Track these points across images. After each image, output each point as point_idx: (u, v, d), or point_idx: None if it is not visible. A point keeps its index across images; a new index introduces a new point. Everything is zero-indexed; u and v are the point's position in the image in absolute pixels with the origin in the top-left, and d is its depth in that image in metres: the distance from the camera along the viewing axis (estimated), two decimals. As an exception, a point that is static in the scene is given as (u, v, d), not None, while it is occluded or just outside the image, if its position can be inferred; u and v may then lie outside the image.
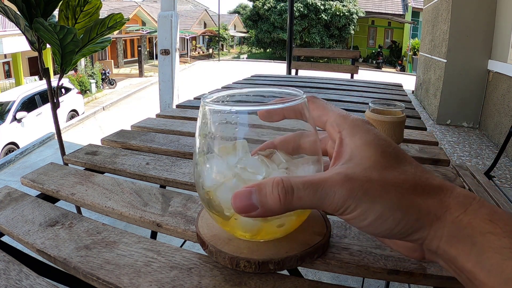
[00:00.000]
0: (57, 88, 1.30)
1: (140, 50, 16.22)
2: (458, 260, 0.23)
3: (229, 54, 26.61)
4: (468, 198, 0.24)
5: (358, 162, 0.26)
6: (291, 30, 4.13)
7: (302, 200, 0.25)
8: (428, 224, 0.24)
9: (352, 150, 0.27)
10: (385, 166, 0.25)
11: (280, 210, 0.26)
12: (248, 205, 0.26)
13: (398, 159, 0.26)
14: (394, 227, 0.24)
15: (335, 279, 1.54)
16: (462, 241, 0.23)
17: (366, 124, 0.28)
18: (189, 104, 1.18)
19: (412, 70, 15.08)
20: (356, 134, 0.28)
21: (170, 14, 2.99)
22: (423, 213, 0.24)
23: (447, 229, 0.23)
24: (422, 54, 6.39)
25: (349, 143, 0.28)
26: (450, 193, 0.24)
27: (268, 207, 0.26)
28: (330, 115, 0.31)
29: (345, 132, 0.28)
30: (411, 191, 0.24)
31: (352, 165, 0.26)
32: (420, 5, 14.88)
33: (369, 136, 0.27)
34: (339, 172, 0.25)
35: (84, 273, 0.34)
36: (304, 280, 0.33)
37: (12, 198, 0.49)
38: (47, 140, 5.59)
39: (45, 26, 1.05)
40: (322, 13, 18.79)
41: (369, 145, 0.27)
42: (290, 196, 0.25)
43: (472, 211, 0.23)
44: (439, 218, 0.24)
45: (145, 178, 0.58)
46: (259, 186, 0.26)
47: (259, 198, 0.26)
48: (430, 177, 0.25)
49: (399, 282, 0.35)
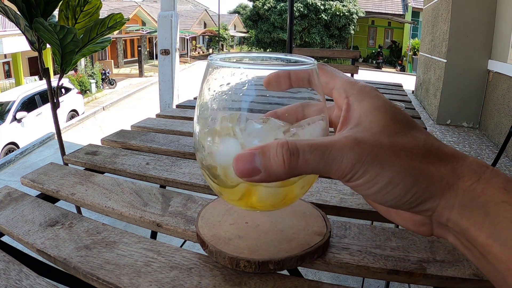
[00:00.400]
0: (57, 88, 1.30)
1: (140, 50, 16.22)
2: (470, 232, 0.22)
3: (229, 54, 26.53)
4: (482, 166, 0.23)
5: (367, 126, 0.25)
6: (291, 30, 4.13)
7: (308, 164, 0.23)
8: (439, 193, 0.23)
9: (360, 115, 0.26)
10: (395, 132, 0.24)
11: (285, 174, 0.24)
12: (250, 168, 0.24)
13: (408, 126, 0.25)
14: (404, 195, 0.23)
15: (335, 279, 1.54)
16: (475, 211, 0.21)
17: (375, 91, 0.27)
18: (189, 104, 1.18)
19: (412, 70, 15.08)
20: (365, 100, 0.26)
21: (170, 14, 2.99)
22: (435, 180, 0.23)
23: (459, 198, 0.22)
24: (422, 54, 6.39)
25: (357, 108, 0.26)
26: (462, 161, 0.23)
27: (272, 170, 0.24)
28: (338, 81, 0.29)
29: (352, 98, 0.27)
30: (422, 157, 0.23)
31: (360, 129, 0.25)
32: (420, 5, 14.88)
33: (378, 101, 0.26)
34: (348, 135, 0.24)
35: (84, 273, 0.34)
36: (304, 280, 0.33)
37: (12, 198, 0.49)
38: (47, 140, 5.59)
39: (45, 26, 1.05)
40: (322, 13, 18.79)
41: (379, 110, 0.25)
42: (295, 159, 0.23)
43: (485, 179, 0.22)
44: (451, 186, 0.22)
45: (145, 178, 0.58)
46: (263, 149, 0.24)
47: (263, 161, 0.24)
48: (442, 145, 0.24)
49: (399, 282, 0.35)
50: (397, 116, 0.25)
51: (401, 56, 18.96)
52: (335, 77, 0.30)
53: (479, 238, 0.21)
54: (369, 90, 0.27)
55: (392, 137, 0.24)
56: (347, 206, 0.46)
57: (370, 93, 0.27)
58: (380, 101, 0.26)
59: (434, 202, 0.23)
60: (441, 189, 0.22)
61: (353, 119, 0.26)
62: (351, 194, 0.49)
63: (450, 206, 0.22)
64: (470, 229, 0.22)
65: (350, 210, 0.46)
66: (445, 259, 0.35)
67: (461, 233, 0.22)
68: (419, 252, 0.36)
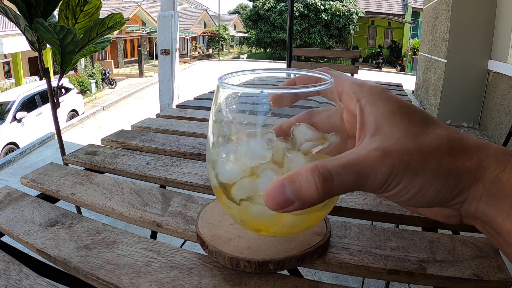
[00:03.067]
0: (57, 88, 1.30)
1: (140, 50, 16.22)
2: (497, 221, 0.22)
3: (229, 54, 26.61)
4: (507, 154, 0.23)
5: (389, 133, 0.24)
6: (291, 30, 4.13)
7: (343, 185, 0.23)
8: (468, 186, 0.23)
9: (377, 119, 0.25)
10: (417, 134, 0.24)
11: (319, 200, 0.23)
12: (283, 200, 0.23)
13: (427, 124, 0.25)
14: (436, 196, 0.23)
15: (335, 279, 1.54)
16: (502, 199, 0.22)
17: (385, 91, 0.27)
18: (189, 104, 1.18)
19: (412, 70, 15.08)
20: (377, 103, 0.26)
21: (170, 14, 2.99)
22: (463, 176, 0.23)
23: (487, 188, 0.22)
24: (422, 54, 6.39)
25: (371, 111, 0.26)
26: (487, 151, 0.23)
27: (305, 198, 0.23)
28: (345, 84, 0.29)
29: (364, 101, 0.27)
30: (448, 155, 0.23)
31: (384, 137, 0.24)
32: (420, 5, 14.87)
33: (392, 104, 0.26)
34: (376, 147, 0.23)
35: (84, 273, 0.34)
36: (304, 280, 0.33)
37: (12, 198, 0.49)
38: (47, 140, 5.59)
39: (45, 26, 1.05)
40: (322, 13, 18.79)
41: (395, 114, 0.25)
42: (330, 183, 0.23)
43: (511, 168, 0.22)
44: (478, 178, 0.23)
45: (145, 178, 0.58)
46: (291, 178, 0.23)
47: (294, 191, 0.23)
48: (464, 138, 0.24)
49: (399, 282, 0.35)
50: (414, 115, 0.25)
51: (401, 56, 18.96)
52: (342, 80, 0.29)
53: (505, 226, 0.22)
54: (379, 91, 0.27)
55: (417, 141, 0.24)
56: (347, 206, 0.46)
57: (381, 94, 0.26)
58: (394, 104, 0.26)
59: (463, 196, 0.23)
60: (469, 183, 0.23)
61: (371, 124, 0.25)
62: (351, 194, 0.49)
63: (478, 197, 0.23)
64: (496, 217, 0.22)
65: (350, 210, 0.46)
66: (445, 259, 0.35)
67: (488, 222, 0.23)
68: (419, 252, 0.36)
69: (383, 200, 0.48)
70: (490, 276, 0.33)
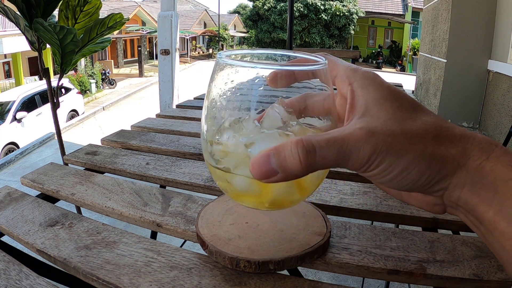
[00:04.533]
0: (57, 88, 1.30)
1: (140, 50, 16.22)
2: (479, 209, 0.22)
3: (229, 54, 26.53)
4: (491, 144, 0.23)
5: (377, 115, 0.25)
6: (291, 30, 4.13)
7: (326, 159, 0.24)
8: (451, 173, 0.23)
9: (367, 103, 0.26)
10: (404, 118, 0.25)
11: (302, 172, 0.24)
12: (267, 170, 0.24)
13: (416, 110, 0.25)
14: (418, 179, 0.24)
15: (335, 279, 1.54)
16: (484, 188, 0.22)
17: (378, 77, 0.27)
18: (189, 104, 1.18)
19: (412, 70, 15.08)
20: (369, 87, 0.27)
21: (170, 14, 2.99)
22: (447, 162, 0.23)
23: (469, 176, 0.23)
24: (422, 54, 6.39)
25: (362, 94, 0.26)
26: (472, 140, 0.24)
27: (288, 170, 0.24)
28: (340, 68, 0.29)
29: (356, 84, 0.27)
30: (433, 140, 0.24)
31: (371, 119, 0.25)
32: (420, 5, 14.88)
33: (383, 90, 0.26)
34: (361, 127, 0.24)
35: (84, 273, 0.34)
36: (304, 280, 0.33)
37: (12, 198, 0.49)
38: (47, 140, 5.59)
39: (45, 26, 1.05)
40: (322, 13, 18.79)
41: (385, 99, 0.26)
42: (313, 156, 0.23)
43: (494, 157, 0.23)
44: (462, 166, 0.23)
45: (145, 178, 0.58)
46: (277, 149, 0.24)
47: (278, 162, 0.24)
48: (451, 126, 0.25)
49: (399, 282, 0.35)
50: (404, 102, 0.26)
51: (401, 56, 18.96)
52: (337, 65, 0.30)
53: (486, 215, 0.22)
54: (372, 76, 0.27)
55: (403, 124, 0.24)
56: (347, 206, 0.46)
57: (374, 79, 0.27)
58: (385, 89, 0.26)
59: (446, 182, 0.24)
60: (452, 169, 0.23)
61: (360, 107, 0.26)
62: (351, 194, 0.49)
63: (461, 184, 0.23)
64: (479, 206, 0.22)
65: (350, 210, 0.46)
66: (445, 259, 0.35)
67: (470, 211, 0.23)
68: (419, 252, 0.36)
69: (383, 200, 0.48)
70: (490, 276, 0.33)
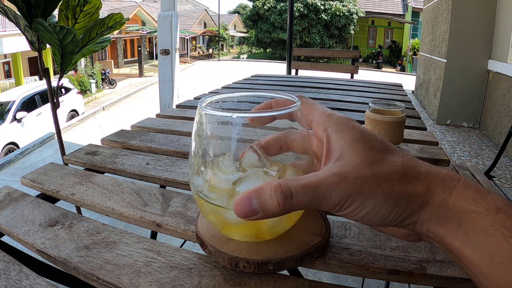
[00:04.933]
0: (57, 88, 1.30)
1: (140, 50, 16.21)
2: (447, 240, 0.24)
3: (229, 54, 26.61)
4: (453, 180, 0.25)
5: (349, 159, 0.27)
6: (291, 30, 4.13)
7: (301, 203, 0.26)
8: (417, 209, 0.26)
9: (342, 147, 0.28)
10: (374, 160, 0.27)
11: (280, 213, 0.27)
12: (249, 210, 0.27)
13: (386, 152, 0.28)
14: (387, 216, 0.26)
15: (335, 279, 1.54)
16: (449, 221, 0.24)
17: (351, 121, 0.30)
18: (189, 104, 1.18)
19: (412, 70, 15.08)
20: (343, 131, 0.29)
21: (170, 14, 2.98)
22: (413, 199, 0.25)
23: (435, 211, 0.25)
24: (422, 54, 6.39)
25: (337, 139, 0.29)
26: (436, 177, 0.26)
27: (268, 211, 0.27)
28: (316, 113, 0.32)
29: (330, 129, 0.30)
30: (400, 180, 0.26)
31: (344, 163, 0.27)
32: (420, 5, 14.88)
33: (355, 133, 0.29)
34: (334, 172, 0.26)
35: (84, 273, 0.34)
36: (304, 280, 0.33)
37: (12, 198, 0.49)
38: (47, 140, 5.59)
39: (45, 26, 1.05)
40: (322, 13, 18.78)
41: (357, 141, 0.28)
42: (290, 200, 0.26)
43: (456, 192, 0.25)
44: (427, 202, 0.25)
45: (145, 178, 0.58)
46: (258, 192, 0.27)
47: (259, 204, 0.27)
48: (417, 165, 0.27)
49: (399, 282, 0.35)
50: (374, 144, 0.28)
51: (401, 56, 18.95)
52: (314, 110, 0.32)
53: (454, 244, 0.24)
54: (345, 121, 0.30)
55: (373, 167, 0.26)
56: (347, 206, 0.46)
57: (347, 124, 0.29)
58: (357, 132, 0.29)
59: (414, 217, 0.26)
60: (418, 206, 0.25)
61: (335, 151, 0.28)
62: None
63: (428, 219, 0.25)
64: (446, 237, 0.25)
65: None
66: (445, 259, 0.35)
67: (439, 241, 0.25)
68: (419, 252, 0.36)
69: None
70: (490, 276, 0.33)
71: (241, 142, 0.32)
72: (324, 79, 1.87)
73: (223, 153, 0.33)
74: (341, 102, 1.26)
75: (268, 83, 1.76)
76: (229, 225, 0.33)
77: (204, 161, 0.34)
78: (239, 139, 0.32)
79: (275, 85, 1.64)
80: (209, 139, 0.33)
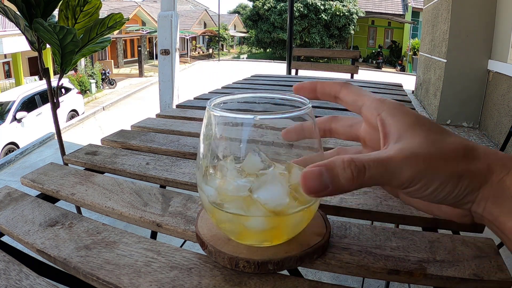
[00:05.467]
0: (57, 88, 1.30)
1: (140, 50, 16.21)
2: (500, 219, 0.25)
3: (229, 54, 26.60)
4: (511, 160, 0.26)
5: (411, 139, 0.27)
6: (291, 30, 4.13)
7: (372, 178, 0.26)
8: (477, 187, 0.26)
9: (399, 129, 0.28)
10: (436, 140, 0.27)
11: (352, 188, 0.26)
12: (319, 185, 0.26)
13: (443, 133, 0.28)
14: (451, 193, 0.26)
15: (335, 279, 1.54)
16: (505, 200, 0.25)
17: (404, 106, 0.30)
18: (189, 104, 1.18)
19: (412, 70, 15.08)
20: (397, 115, 0.29)
21: (170, 14, 2.98)
22: (475, 177, 0.26)
23: (493, 190, 0.26)
24: (422, 54, 6.39)
25: (393, 122, 0.29)
26: (494, 156, 0.27)
27: (340, 186, 0.26)
28: (366, 99, 0.33)
29: (384, 114, 0.30)
30: (463, 158, 0.27)
31: (408, 142, 0.27)
32: (420, 5, 14.86)
33: (411, 116, 0.29)
34: (402, 148, 0.27)
35: (84, 273, 0.34)
36: (304, 280, 0.33)
37: (12, 198, 0.49)
38: (47, 140, 5.59)
39: (44, 26, 1.05)
40: (322, 13, 18.79)
41: (415, 124, 0.28)
42: (363, 174, 0.26)
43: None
44: (487, 181, 0.26)
45: (145, 178, 0.58)
46: (329, 166, 0.26)
47: (331, 178, 0.26)
48: (475, 145, 0.28)
49: (399, 282, 0.35)
50: (432, 126, 0.29)
51: (401, 56, 18.96)
52: (363, 96, 0.33)
53: (507, 224, 0.25)
54: (398, 106, 0.30)
55: (436, 146, 0.27)
56: (347, 206, 0.46)
57: (401, 109, 0.30)
58: (412, 116, 0.29)
59: (473, 195, 0.27)
60: (479, 184, 0.26)
61: (393, 134, 0.29)
62: (351, 194, 0.49)
63: (486, 197, 0.26)
64: (500, 216, 0.25)
65: (350, 210, 0.46)
66: (445, 259, 0.35)
67: (493, 221, 0.26)
68: (419, 252, 0.36)
69: (383, 200, 0.48)
70: (490, 276, 0.33)
71: (266, 145, 0.32)
72: (324, 79, 1.86)
73: (238, 157, 0.32)
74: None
75: (268, 83, 1.76)
76: (249, 231, 0.33)
77: (218, 169, 0.33)
78: (264, 142, 0.31)
79: (275, 85, 1.64)
80: (224, 141, 0.32)
